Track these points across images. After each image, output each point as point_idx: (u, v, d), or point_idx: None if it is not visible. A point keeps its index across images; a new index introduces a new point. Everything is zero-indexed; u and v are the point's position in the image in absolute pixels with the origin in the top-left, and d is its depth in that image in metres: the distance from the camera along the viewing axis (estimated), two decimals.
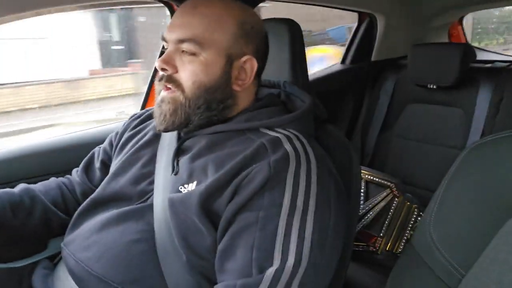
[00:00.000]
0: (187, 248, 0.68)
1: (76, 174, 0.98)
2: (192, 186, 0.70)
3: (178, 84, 0.74)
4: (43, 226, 0.89)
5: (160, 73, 0.75)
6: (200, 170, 0.72)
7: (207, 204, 0.67)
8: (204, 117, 0.75)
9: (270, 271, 0.59)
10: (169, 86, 0.74)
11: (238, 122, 0.76)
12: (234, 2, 0.77)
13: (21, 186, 0.90)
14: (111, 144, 0.96)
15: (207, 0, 0.75)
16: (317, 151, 0.72)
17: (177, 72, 0.74)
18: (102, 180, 0.87)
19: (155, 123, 0.78)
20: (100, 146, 1.00)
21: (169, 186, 0.74)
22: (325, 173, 0.69)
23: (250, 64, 0.76)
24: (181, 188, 0.72)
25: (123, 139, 0.91)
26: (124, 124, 0.96)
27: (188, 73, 0.73)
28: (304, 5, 1.56)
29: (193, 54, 0.72)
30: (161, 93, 0.76)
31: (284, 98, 0.86)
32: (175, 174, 0.75)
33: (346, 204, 0.73)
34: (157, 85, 0.77)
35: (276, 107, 0.81)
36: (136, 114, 0.98)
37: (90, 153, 1.00)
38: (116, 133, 0.96)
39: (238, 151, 0.70)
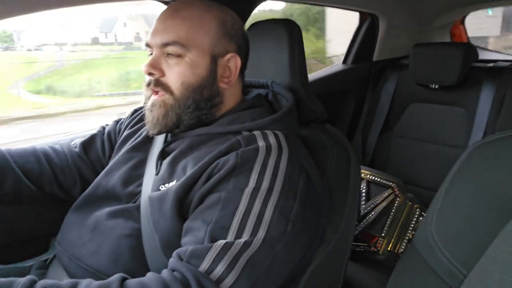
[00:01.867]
0: (166, 246, 0.70)
1: (69, 146, 0.97)
2: (171, 184, 0.72)
3: (166, 87, 0.75)
4: (14, 196, 0.87)
5: (147, 78, 0.76)
6: (180, 170, 0.74)
7: (182, 199, 0.69)
8: (194, 116, 0.77)
9: (221, 242, 0.61)
10: (157, 90, 0.76)
11: (221, 124, 0.78)
12: (213, 3, 0.79)
13: None
14: (115, 139, 0.96)
15: (187, 3, 0.77)
16: (293, 146, 0.74)
17: (164, 75, 0.75)
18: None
19: (148, 127, 0.79)
20: (100, 130, 1.00)
21: (153, 187, 0.76)
22: (296, 166, 0.71)
23: (234, 61, 0.79)
24: (161, 187, 0.74)
25: (122, 137, 0.93)
26: (125, 120, 0.97)
27: (176, 75, 0.75)
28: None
29: (179, 56, 0.74)
30: (151, 98, 0.77)
31: (272, 98, 0.88)
32: (157, 175, 0.77)
33: (317, 207, 0.74)
34: (146, 90, 0.78)
35: (260, 108, 0.82)
36: (136, 111, 0.98)
37: (90, 135, 0.99)
38: (119, 130, 0.97)
39: (215, 149, 0.72)
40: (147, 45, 0.77)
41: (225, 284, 0.58)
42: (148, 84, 0.77)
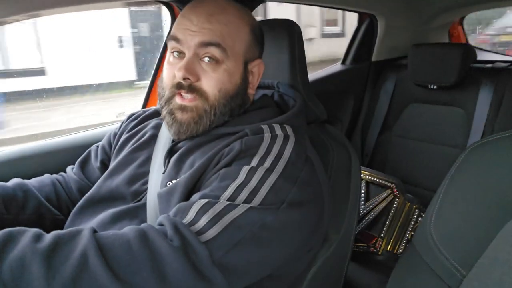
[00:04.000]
0: None
1: (71, 171, 0.98)
2: (178, 180, 0.72)
3: (201, 93, 0.73)
4: (35, 221, 0.87)
5: (174, 79, 0.73)
6: (188, 166, 0.73)
7: (190, 190, 0.68)
8: (223, 121, 0.76)
9: (207, 200, 0.60)
10: (191, 95, 0.73)
11: (230, 125, 0.77)
12: (242, 8, 0.78)
13: (14, 181, 0.88)
14: (109, 144, 0.97)
15: (220, 7, 0.74)
16: (300, 138, 0.73)
17: (198, 80, 0.73)
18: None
19: (171, 132, 0.77)
20: (96, 144, 1.01)
21: (160, 184, 0.75)
22: (301, 156, 0.70)
23: (259, 67, 0.79)
24: (168, 183, 0.73)
25: (121, 141, 0.92)
26: (121, 125, 0.97)
27: (214, 82, 0.72)
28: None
29: (217, 62, 0.72)
30: (178, 101, 0.74)
31: (278, 98, 0.88)
32: (165, 173, 0.76)
33: (319, 199, 0.71)
34: (169, 92, 0.75)
35: (268, 109, 0.82)
36: (133, 114, 0.98)
37: (87, 151, 1.00)
38: (115, 134, 0.97)
39: (224, 143, 0.72)
40: (175, 39, 0.73)
41: (205, 236, 0.56)
42: (179, 87, 0.73)
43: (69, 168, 1.00)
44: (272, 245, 0.63)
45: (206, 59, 0.72)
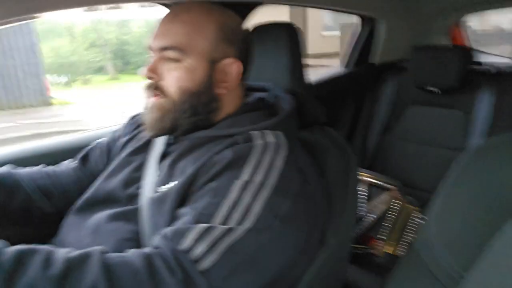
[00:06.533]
0: None
1: (68, 165, 0.99)
2: (171, 185, 0.72)
3: (163, 91, 0.76)
4: (22, 214, 0.88)
5: (147, 81, 0.77)
6: (179, 171, 0.74)
7: (182, 199, 0.69)
8: (191, 121, 0.77)
9: (204, 225, 0.61)
10: (155, 93, 0.76)
11: (221, 128, 0.78)
12: (213, 7, 0.78)
13: (3, 170, 0.88)
14: (113, 145, 0.97)
15: (187, 7, 0.77)
16: (292, 146, 0.73)
17: (163, 79, 0.76)
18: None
19: (146, 130, 0.80)
20: (98, 141, 1.01)
21: (152, 188, 0.76)
22: (293, 166, 0.70)
23: (233, 66, 0.78)
24: (160, 188, 0.74)
25: (121, 143, 0.93)
26: (123, 127, 0.98)
27: (173, 80, 0.75)
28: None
29: (177, 60, 0.74)
30: (149, 101, 0.78)
31: (272, 101, 0.88)
32: (158, 177, 0.77)
33: (312, 209, 0.72)
34: (145, 92, 0.79)
35: (260, 112, 0.82)
36: (134, 117, 0.99)
37: (88, 147, 1.01)
38: (118, 136, 0.98)
39: (214, 149, 0.72)
40: (149, 48, 0.78)
41: (203, 265, 0.58)
42: (147, 87, 0.77)
43: (66, 162, 1.00)
44: (268, 262, 0.65)
45: (168, 59, 0.75)
